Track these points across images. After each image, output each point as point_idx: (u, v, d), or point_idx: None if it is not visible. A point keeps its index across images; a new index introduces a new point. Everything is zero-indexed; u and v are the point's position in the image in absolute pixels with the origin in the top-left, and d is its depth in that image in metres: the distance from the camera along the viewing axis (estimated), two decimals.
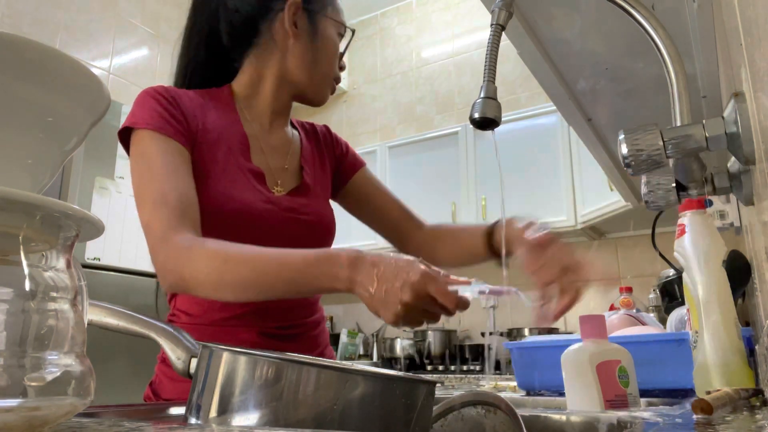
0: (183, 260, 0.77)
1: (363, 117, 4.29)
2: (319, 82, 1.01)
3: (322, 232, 1.01)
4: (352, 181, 1.13)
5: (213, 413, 0.43)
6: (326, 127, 1.17)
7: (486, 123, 0.69)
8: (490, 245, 0.98)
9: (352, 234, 3.70)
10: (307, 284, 0.74)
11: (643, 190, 0.69)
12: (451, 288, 0.68)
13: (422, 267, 0.69)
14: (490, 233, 0.98)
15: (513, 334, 3.18)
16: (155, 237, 0.79)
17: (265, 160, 0.99)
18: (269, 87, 1.00)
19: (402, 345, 3.38)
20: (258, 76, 1.01)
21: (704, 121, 0.58)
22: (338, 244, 1.05)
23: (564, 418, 0.66)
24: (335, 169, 1.12)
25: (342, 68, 1.04)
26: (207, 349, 0.46)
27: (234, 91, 1.01)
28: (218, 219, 0.88)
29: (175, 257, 0.77)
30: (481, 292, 0.69)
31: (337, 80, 1.04)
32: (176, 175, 0.84)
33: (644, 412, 0.62)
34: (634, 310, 1.53)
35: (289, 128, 1.08)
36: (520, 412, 0.52)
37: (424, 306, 0.68)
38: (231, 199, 0.90)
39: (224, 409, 0.42)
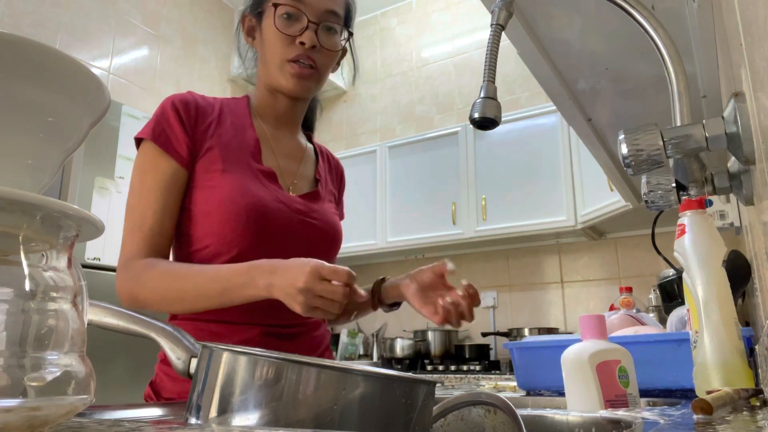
0: (137, 283, 0.88)
1: (363, 117, 4.29)
2: (273, 71, 0.99)
3: (330, 238, 1.03)
4: None
5: (213, 413, 0.43)
6: (341, 163, 1.21)
7: (486, 123, 0.69)
8: (379, 299, 1.06)
9: (352, 234, 3.71)
10: (236, 292, 0.84)
11: (643, 190, 0.69)
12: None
13: (316, 261, 0.79)
14: (376, 290, 1.06)
15: (513, 334, 3.18)
16: (120, 261, 0.91)
17: (276, 162, 1.02)
18: (264, 93, 1.05)
19: (402, 345, 3.38)
20: (258, 87, 1.07)
21: (704, 121, 0.58)
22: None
23: (564, 418, 0.66)
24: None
25: (304, 44, 0.95)
26: (207, 349, 0.46)
27: (250, 100, 1.07)
28: (233, 212, 0.92)
29: (131, 281, 0.89)
30: None
31: (304, 58, 0.96)
32: (160, 201, 0.92)
33: (644, 412, 0.62)
34: (634, 310, 1.53)
35: (303, 140, 1.12)
36: (520, 412, 0.52)
37: (320, 290, 0.77)
38: (243, 195, 0.93)
39: (224, 409, 0.42)
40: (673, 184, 0.67)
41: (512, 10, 0.73)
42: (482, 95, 0.69)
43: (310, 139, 1.16)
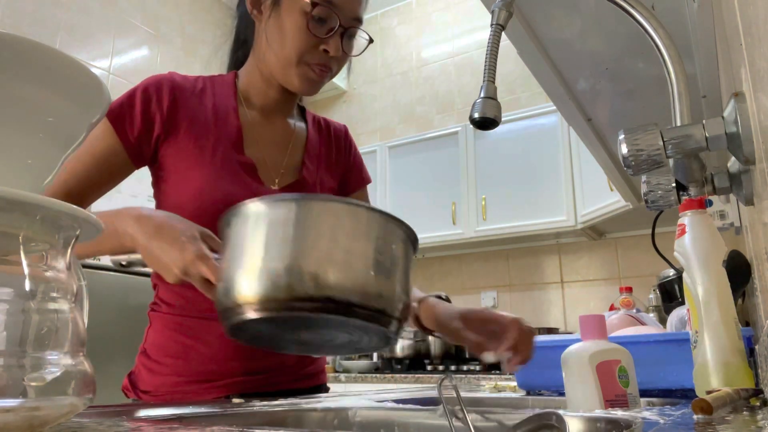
0: None
1: (363, 117, 4.29)
2: (285, 66, 0.92)
3: None
4: (352, 196, 1.09)
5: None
6: (345, 129, 1.13)
7: (486, 123, 0.69)
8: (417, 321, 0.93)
9: None
10: (107, 240, 0.77)
11: (643, 190, 0.69)
12: None
13: (200, 229, 0.72)
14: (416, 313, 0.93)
15: None
16: None
17: (260, 152, 0.97)
18: (257, 77, 0.98)
19: (402, 345, 3.38)
20: (251, 65, 0.99)
21: (704, 121, 0.58)
22: None
23: (564, 418, 0.66)
24: (343, 175, 1.10)
25: (327, 52, 0.90)
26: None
27: (238, 78, 1.01)
28: (202, 208, 0.88)
29: None
30: None
31: (323, 66, 0.92)
32: (78, 170, 0.89)
33: (644, 412, 0.62)
34: (634, 310, 1.53)
35: (294, 121, 1.05)
36: (518, 412, 0.52)
37: (198, 265, 0.68)
38: (213, 190, 0.89)
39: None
40: (673, 184, 0.67)
41: (512, 10, 0.73)
42: (482, 95, 0.68)
43: (303, 112, 1.08)
